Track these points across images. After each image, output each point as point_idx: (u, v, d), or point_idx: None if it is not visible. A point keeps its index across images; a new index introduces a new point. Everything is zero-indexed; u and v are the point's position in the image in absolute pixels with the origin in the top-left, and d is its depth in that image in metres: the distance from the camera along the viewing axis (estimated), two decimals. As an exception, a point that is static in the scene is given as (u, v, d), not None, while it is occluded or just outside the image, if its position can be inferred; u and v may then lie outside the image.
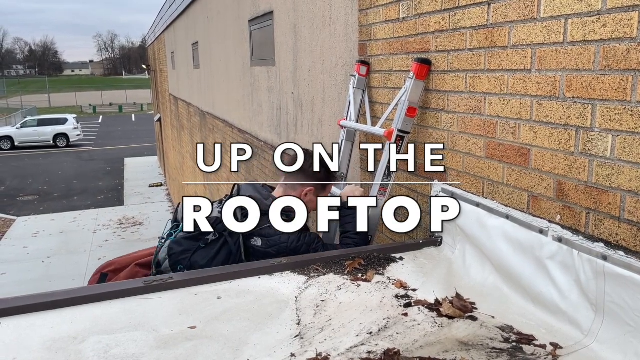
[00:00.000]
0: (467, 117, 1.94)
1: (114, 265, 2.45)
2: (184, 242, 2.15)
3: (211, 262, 2.09)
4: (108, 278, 2.38)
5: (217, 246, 2.11)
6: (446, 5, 1.99)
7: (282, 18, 4.32)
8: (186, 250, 2.13)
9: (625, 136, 1.31)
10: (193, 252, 2.12)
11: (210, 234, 2.12)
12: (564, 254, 1.51)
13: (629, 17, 1.27)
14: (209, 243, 2.12)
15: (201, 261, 2.10)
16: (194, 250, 2.12)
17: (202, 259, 2.10)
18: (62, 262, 13.00)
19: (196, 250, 2.12)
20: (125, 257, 2.51)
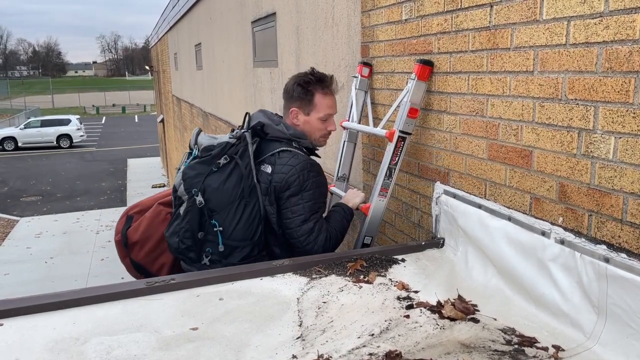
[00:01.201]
0: (469, 118, 1.94)
1: (139, 206, 2.52)
2: (197, 166, 2.18)
3: (222, 184, 2.11)
4: (134, 220, 2.46)
5: (228, 169, 2.13)
6: (448, 7, 1.99)
7: (285, 19, 4.33)
8: (199, 174, 2.16)
9: (627, 138, 1.31)
10: (206, 176, 2.14)
11: (222, 157, 2.14)
12: (566, 256, 1.50)
13: (632, 19, 1.27)
14: (220, 167, 2.14)
15: (213, 184, 2.12)
16: (207, 174, 2.15)
17: (214, 181, 2.12)
18: (65, 262, 13.03)
19: (209, 173, 2.14)
20: (150, 198, 2.58)
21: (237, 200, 2.11)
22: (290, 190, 2.14)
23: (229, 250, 2.12)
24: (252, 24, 5.50)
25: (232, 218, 2.11)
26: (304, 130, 2.31)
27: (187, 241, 2.16)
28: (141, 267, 2.40)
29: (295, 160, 2.15)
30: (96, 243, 14.45)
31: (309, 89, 2.28)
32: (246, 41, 5.86)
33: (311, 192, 2.16)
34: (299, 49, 4.00)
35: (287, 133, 2.23)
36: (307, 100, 2.29)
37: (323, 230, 2.19)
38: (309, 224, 2.15)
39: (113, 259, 13.03)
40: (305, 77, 2.30)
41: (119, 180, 22.79)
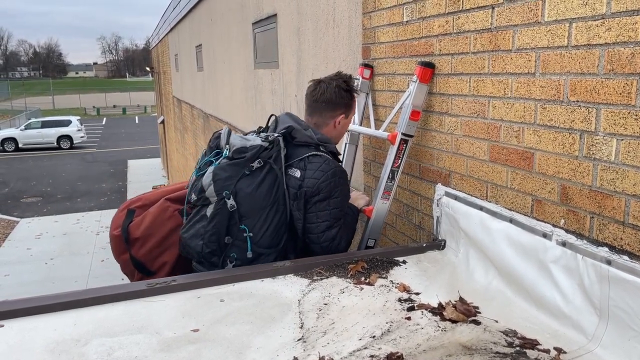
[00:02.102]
0: (470, 120, 1.94)
1: (141, 201, 2.42)
2: (229, 168, 2.08)
3: (256, 189, 2.05)
4: (136, 214, 2.36)
5: (261, 174, 2.07)
6: (450, 9, 1.99)
7: (286, 21, 4.33)
8: (231, 176, 2.07)
9: (629, 140, 1.31)
10: (238, 179, 2.07)
11: (255, 161, 2.07)
12: (568, 258, 1.50)
13: (634, 21, 1.27)
14: (253, 170, 2.07)
15: (246, 188, 2.05)
16: (239, 177, 2.07)
17: (247, 186, 2.05)
18: (65, 263, 13.02)
19: (241, 177, 2.07)
20: (153, 192, 2.48)
21: (268, 206, 2.05)
22: (320, 196, 2.09)
23: (254, 257, 2.06)
24: (253, 25, 5.51)
25: (261, 224, 2.05)
26: (336, 134, 2.29)
27: (212, 245, 2.07)
28: (140, 264, 2.30)
29: (327, 167, 2.11)
30: (96, 244, 14.44)
31: (353, 94, 2.29)
32: (247, 42, 5.86)
33: (339, 199, 2.13)
34: (300, 50, 4.01)
35: (315, 138, 2.18)
36: (350, 106, 2.29)
37: (344, 236, 2.17)
38: (333, 231, 2.11)
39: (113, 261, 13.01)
40: (346, 82, 2.27)
41: (120, 181, 22.79)
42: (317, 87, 2.26)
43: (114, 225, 2.37)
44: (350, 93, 2.27)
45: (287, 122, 2.19)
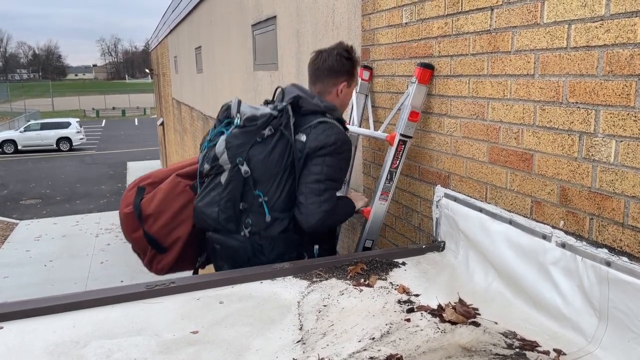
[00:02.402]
0: (470, 122, 1.94)
1: (151, 178, 2.46)
2: (240, 135, 2.14)
3: (268, 155, 2.10)
4: (146, 192, 2.40)
5: (273, 141, 2.11)
6: (449, 11, 1.99)
7: (285, 23, 4.33)
8: (243, 143, 2.12)
9: (628, 142, 1.31)
10: (251, 146, 2.12)
11: (266, 129, 2.12)
12: (568, 259, 1.50)
13: (633, 22, 1.27)
14: (264, 138, 2.11)
15: (259, 155, 2.10)
16: (252, 144, 2.12)
17: (260, 153, 2.10)
18: (64, 265, 13.01)
19: (253, 144, 2.12)
20: (162, 170, 2.53)
21: (282, 171, 2.10)
22: (317, 153, 2.11)
23: (270, 222, 2.12)
24: (253, 27, 5.51)
25: (275, 189, 2.11)
26: (339, 103, 2.32)
27: (228, 211, 2.14)
28: (154, 240, 2.35)
29: (330, 131, 2.14)
30: (96, 246, 14.44)
31: (355, 62, 2.31)
32: (246, 44, 5.86)
33: (336, 160, 2.14)
34: (300, 52, 4.01)
35: (322, 106, 2.21)
36: (352, 74, 2.32)
37: (331, 201, 2.15)
38: (321, 185, 2.11)
39: (113, 262, 13.08)
40: (347, 51, 2.30)
41: (119, 183, 22.77)
42: (319, 56, 2.32)
43: (124, 204, 2.41)
44: (352, 61, 2.30)
45: (293, 92, 2.23)
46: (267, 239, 2.13)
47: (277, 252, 2.14)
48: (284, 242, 2.14)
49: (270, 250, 2.14)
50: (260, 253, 2.14)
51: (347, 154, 2.23)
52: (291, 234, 2.15)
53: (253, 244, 2.14)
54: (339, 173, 2.21)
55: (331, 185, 2.14)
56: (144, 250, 2.39)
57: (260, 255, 2.14)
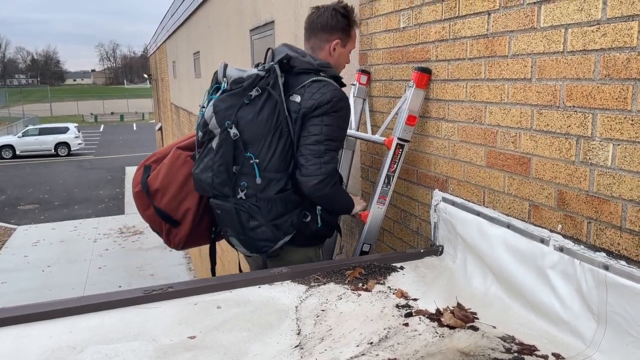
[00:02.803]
0: (467, 126, 1.94)
1: (155, 156, 2.50)
2: (228, 99, 2.13)
3: (256, 116, 2.07)
4: (152, 169, 2.44)
5: (260, 101, 2.09)
6: (446, 15, 1.99)
7: (283, 28, 4.34)
8: (231, 106, 2.12)
9: (625, 145, 1.31)
10: (238, 108, 2.11)
11: (253, 89, 2.10)
12: (566, 263, 1.50)
13: (629, 26, 1.27)
14: (252, 99, 2.09)
15: (247, 116, 2.09)
16: (239, 106, 2.11)
17: (248, 114, 2.09)
18: (62, 271, 12.99)
19: (241, 106, 2.11)
20: (165, 147, 2.56)
21: (272, 132, 2.07)
22: (314, 113, 2.09)
23: (265, 183, 2.10)
24: (251, 32, 5.52)
25: (267, 150, 2.08)
26: (334, 62, 2.27)
27: (222, 175, 2.14)
28: (166, 214, 2.38)
29: (325, 89, 2.10)
30: (93, 251, 14.42)
31: (350, 20, 2.27)
32: (245, 49, 5.87)
33: (333, 118, 2.10)
34: (297, 57, 4.01)
35: (315, 64, 2.18)
36: (347, 32, 2.27)
37: (332, 163, 2.13)
38: (321, 147, 2.09)
39: (111, 268, 13.05)
40: (344, 8, 2.26)
41: (117, 188, 22.76)
42: (315, 11, 2.30)
43: (134, 184, 2.47)
44: (348, 19, 2.26)
45: (283, 52, 2.20)
46: (264, 201, 2.11)
47: (275, 212, 2.12)
48: (282, 202, 2.12)
49: (268, 212, 2.12)
50: (258, 214, 2.13)
51: (345, 112, 2.18)
52: (289, 193, 2.12)
53: (250, 207, 2.13)
54: (338, 132, 2.16)
55: (331, 145, 2.11)
56: (160, 226, 2.44)
57: (259, 216, 2.13)
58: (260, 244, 2.18)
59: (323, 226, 2.24)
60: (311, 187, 2.08)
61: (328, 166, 2.09)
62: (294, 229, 2.16)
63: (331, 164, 2.11)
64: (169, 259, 13.86)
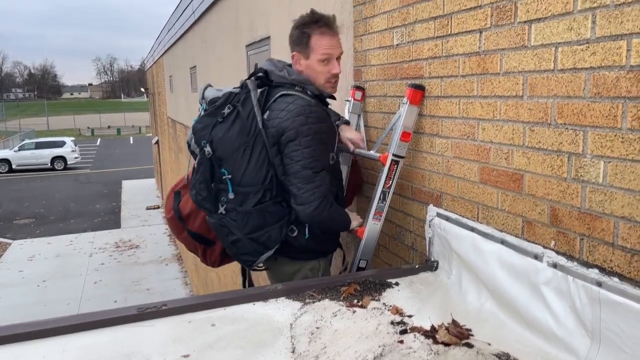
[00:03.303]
0: (460, 142, 1.95)
1: (184, 181, 2.56)
2: (204, 119, 2.25)
3: (227, 132, 2.15)
4: (182, 194, 2.51)
5: (231, 118, 2.17)
6: (439, 33, 2.02)
7: (279, 43, 4.38)
8: (206, 125, 2.22)
9: (616, 163, 1.32)
10: (212, 127, 2.19)
11: (225, 107, 2.18)
12: (559, 279, 1.50)
13: (618, 45, 1.29)
14: (225, 117, 2.18)
15: (219, 133, 2.17)
16: (213, 125, 2.20)
17: (220, 131, 2.17)
18: (57, 286, 12.90)
19: (215, 124, 2.19)
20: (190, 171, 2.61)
21: (242, 147, 2.13)
22: (286, 136, 2.08)
23: (241, 198, 2.16)
24: (247, 48, 5.56)
25: (239, 164, 2.14)
26: (309, 76, 2.23)
27: (203, 192, 2.23)
28: (199, 236, 2.45)
29: (293, 106, 2.10)
30: (89, 266, 14.33)
31: (305, 30, 2.19)
32: (241, 64, 5.91)
33: (310, 137, 2.08)
34: (293, 72, 4.03)
35: (289, 78, 2.19)
36: (304, 43, 2.20)
37: (324, 185, 2.13)
38: (308, 171, 2.09)
39: (106, 282, 12.98)
40: (301, 19, 2.22)
41: (113, 202, 22.69)
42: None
43: (167, 210, 2.58)
44: (301, 31, 2.20)
45: (263, 67, 2.26)
46: (242, 214, 2.17)
47: (251, 226, 2.16)
48: (259, 214, 2.16)
49: (244, 225, 2.17)
50: (235, 228, 2.19)
51: (320, 125, 2.13)
52: (268, 205, 2.15)
53: (228, 221, 2.21)
54: (320, 148, 2.14)
55: (317, 165, 2.11)
56: (195, 247, 2.52)
57: (236, 230, 2.19)
58: (244, 257, 2.25)
59: (313, 240, 2.24)
60: (309, 214, 2.12)
61: (321, 189, 2.11)
62: (276, 243, 2.19)
63: (323, 186, 2.13)
64: (165, 274, 13.79)
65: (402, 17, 2.27)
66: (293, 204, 2.14)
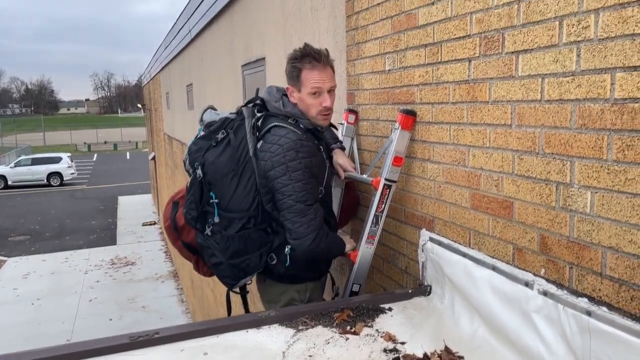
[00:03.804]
0: (452, 167, 1.97)
1: (181, 192, 2.58)
2: (199, 142, 2.33)
3: (218, 157, 2.21)
4: (180, 205, 2.54)
5: (223, 143, 2.23)
6: (429, 60, 2.05)
7: (274, 64, 4.41)
8: (200, 148, 2.30)
9: (603, 193, 1.34)
10: (206, 150, 2.27)
11: (219, 132, 2.26)
12: (550, 307, 1.51)
13: (602, 79, 1.32)
14: (218, 141, 2.25)
15: (210, 158, 2.24)
16: (207, 148, 2.27)
17: (212, 156, 2.24)
18: (52, 304, 12.79)
19: (208, 148, 2.26)
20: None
21: (231, 173, 2.18)
22: (276, 171, 2.10)
23: (226, 222, 2.20)
24: (242, 67, 5.60)
25: (226, 190, 2.19)
26: (302, 109, 2.24)
27: (192, 212, 2.29)
28: (192, 247, 2.48)
29: (284, 139, 2.12)
30: (84, 283, 14.24)
31: (295, 64, 2.21)
32: (237, 83, 5.95)
33: (300, 172, 2.09)
34: (288, 93, 4.06)
35: (283, 110, 2.23)
36: (295, 77, 2.22)
37: (319, 217, 2.14)
38: (300, 205, 2.10)
39: (101, 300, 12.88)
40: (293, 53, 2.24)
41: (109, 218, 22.61)
42: None
43: (165, 218, 2.62)
44: (292, 65, 2.23)
45: (262, 94, 2.33)
46: (225, 238, 2.21)
47: (232, 251, 2.20)
48: (241, 240, 2.20)
49: (225, 249, 2.21)
50: (217, 251, 2.24)
51: (311, 160, 2.14)
52: (251, 232, 2.19)
53: (212, 243, 2.26)
54: (311, 181, 2.14)
55: (309, 198, 2.13)
56: (189, 257, 2.55)
57: (218, 253, 2.24)
58: (225, 280, 2.32)
59: (295, 268, 2.26)
60: (307, 248, 2.13)
61: (316, 221, 2.13)
62: (255, 270, 2.25)
63: (317, 218, 2.15)
64: (161, 291, 13.71)
65: (394, 44, 2.30)
66: (289, 239, 2.16)
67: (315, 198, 2.18)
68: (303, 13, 3.59)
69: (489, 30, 1.71)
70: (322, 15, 3.24)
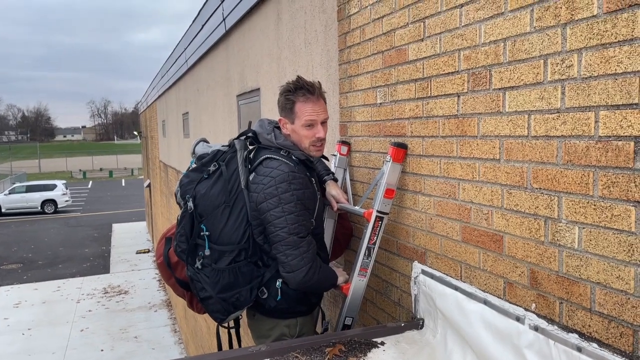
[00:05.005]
0: (442, 200, 1.98)
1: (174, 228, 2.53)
2: (192, 174, 2.34)
3: (209, 190, 2.22)
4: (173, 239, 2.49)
5: (215, 176, 2.24)
6: (419, 94, 2.08)
7: (268, 95, 4.46)
8: (192, 181, 2.31)
9: (590, 229, 1.35)
10: (197, 182, 2.27)
11: (211, 164, 2.27)
12: (541, 343, 1.50)
13: (586, 116, 1.34)
14: (210, 173, 2.26)
15: (202, 190, 2.24)
16: (198, 181, 2.27)
17: (203, 188, 2.24)
18: (43, 334, 12.59)
19: (200, 180, 2.27)
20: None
21: (222, 206, 2.17)
22: (268, 203, 2.10)
23: (217, 255, 2.18)
24: (238, 97, 5.66)
25: (218, 223, 2.18)
26: (294, 140, 2.26)
27: (182, 245, 2.27)
28: (186, 283, 2.45)
29: (276, 172, 2.12)
30: (76, 313, 14.05)
31: (289, 97, 2.23)
32: (232, 112, 6.00)
33: (292, 203, 2.10)
34: (282, 123, 4.10)
35: (275, 142, 2.24)
36: (289, 109, 2.24)
37: (312, 250, 2.15)
38: (293, 237, 2.10)
39: (93, 330, 12.69)
40: (287, 86, 2.26)
41: (103, 246, 22.44)
42: None
43: (157, 255, 2.60)
44: (286, 98, 2.24)
45: (255, 127, 2.35)
46: (215, 272, 2.19)
47: (222, 284, 2.18)
48: (231, 274, 2.18)
49: (215, 283, 2.19)
50: (207, 285, 2.22)
51: (304, 192, 2.14)
52: (242, 265, 2.18)
53: (202, 277, 2.23)
54: (303, 213, 2.15)
55: (302, 230, 2.13)
56: (182, 294, 2.53)
57: (208, 287, 2.22)
58: (214, 314, 2.28)
59: (286, 302, 2.25)
60: (300, 281, 2.14)
61: (308, 254, 2.14)
62: (245, 304, 2.23)
63: (310, 250, 2.15)
64: (154, 320, 13.52)
65: (385, 78, 2.34)
66: (282, 272, 2.16)
67: (307, 230, 2.18)
68: (297, 46, 3.66)
69: (476, 67, 1.74)
70: (315, 49, 3.29)
